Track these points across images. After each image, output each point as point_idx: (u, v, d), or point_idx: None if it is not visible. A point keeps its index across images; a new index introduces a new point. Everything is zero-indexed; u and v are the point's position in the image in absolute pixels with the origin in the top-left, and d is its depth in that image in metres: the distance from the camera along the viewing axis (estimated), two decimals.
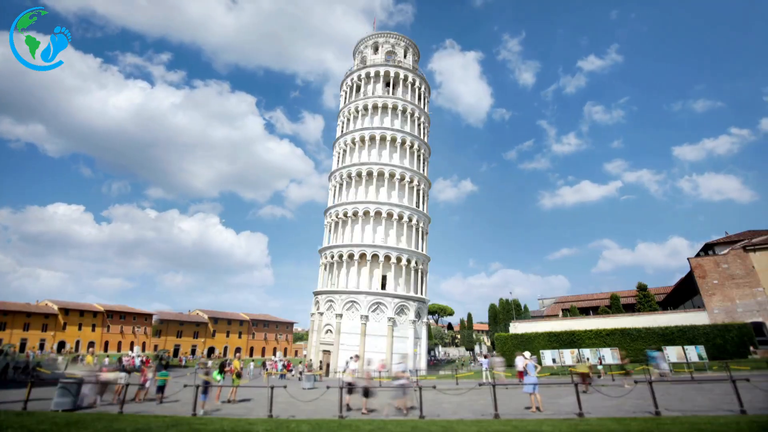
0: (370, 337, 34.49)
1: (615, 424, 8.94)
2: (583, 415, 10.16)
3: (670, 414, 10.19)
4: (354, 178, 40.72)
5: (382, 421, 10.34)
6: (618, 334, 30.99)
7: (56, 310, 66.99)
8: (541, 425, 9.14)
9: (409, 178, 40.55)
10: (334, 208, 40.47)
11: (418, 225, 40.31)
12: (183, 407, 12.78)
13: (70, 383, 12.03)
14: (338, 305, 35.85)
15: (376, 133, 41.24)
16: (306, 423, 9.82)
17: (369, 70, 44.35)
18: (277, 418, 10.89)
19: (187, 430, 8.73)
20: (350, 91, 45.56)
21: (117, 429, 8.66)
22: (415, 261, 38.70)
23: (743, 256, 31.95)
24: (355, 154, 41.81)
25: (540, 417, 10.68)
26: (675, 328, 29.63)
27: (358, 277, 37.40)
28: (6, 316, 61.58)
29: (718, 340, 27.99)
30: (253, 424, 9.58)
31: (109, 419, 9.95)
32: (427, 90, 47.19)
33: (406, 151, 41.79)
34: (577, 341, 31.35)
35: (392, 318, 35.26)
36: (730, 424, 8.28)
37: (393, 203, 38.93)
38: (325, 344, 35.80)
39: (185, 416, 10.86)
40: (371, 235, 38.30)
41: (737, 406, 10.01)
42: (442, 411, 12.35)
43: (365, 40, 47.74)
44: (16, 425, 8.71)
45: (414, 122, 43.86)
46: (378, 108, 42.47)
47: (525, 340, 33.84)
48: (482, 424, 9.47)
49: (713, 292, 32.08)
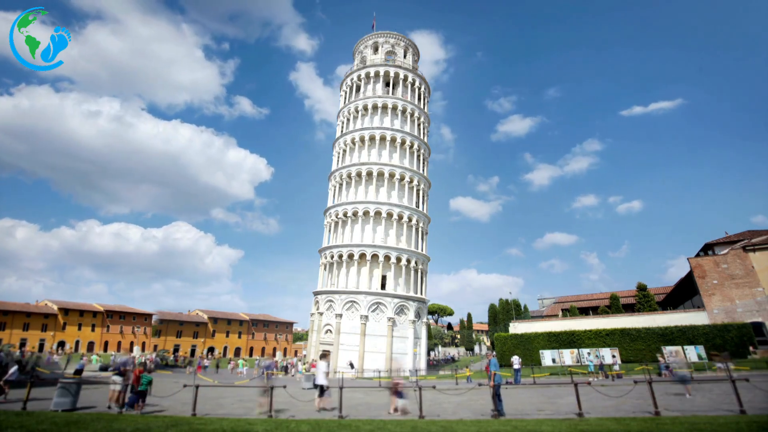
0: (370, 337, 34.51)
1: (614, 424, 8.94)
2: (583, 415, 10.16)
3: (669, 414, 10.19)
4: (354, 178, 40.72)
5: (382, 421, 10.34)
6: (618, 334, 31.01)
7: (56, 310, 66.97)
8: (540, 425, 9.14)
9: (409, 178, 40.56)
10: (333, 208, 40.48)
11: (417, 225, 40.33)
12: (183, 407, 12.78)
13: (69, 383, 12.02)
14: (338, 305, 35.86)
15: (375, 133, 41.25)
16: (306, 423, 9.82)
17: (369, 70, 44.36)
18: (276, 418, 10.88)
19: (187, 430, 8.72)
20: (350, 91, 45.57)
21: (116, 429, 8.66)
22: (415, 261, 38.71)
23: (743, 256, 31.96)
24: (354, 154, 41.82)
25: (540, 417, 10.69)
26: (675, 328, 29.66)
27: (358, 277, 37.41)
28: (6, 316, 61.56)
29: (717, 340, 28.01)
30: (253, 424, 9.57)
31: (109, 419, 9.94)
32: (427, 90, 47.20)
33: (406, 151, 41.80)
34: (576, 341, 31.36)
35: (392, 318, 35.27)
36: (730, 424, 8.28)
37: (393, 203, 38.94)
38: (325, 344, 35.80)
39: (185, 416, 10.85)
40: (371, 235, 38.31)
41: (737, 406, 10.02)
42: (442, 411, 12.35)
43: (365, 40, 47.76)
44: (16, 425, 8.71)
45: (414, 122, 43.87)
46: (378, 108, 42.48)
47: (525, 340, 33.86)
48: (482, 424, 9.47)
49: (713, 292, 32.09)
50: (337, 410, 11.32)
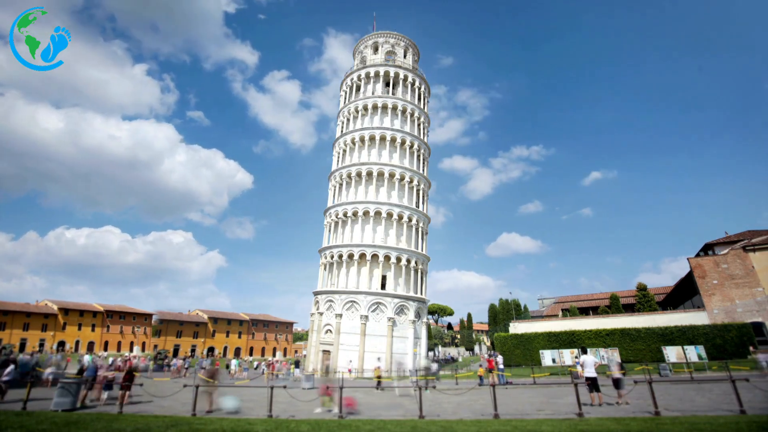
0: (370, 337, 34.50)
1: (614, 424, 8.93)
2: (583, 415, 10.15)
3: (669, 414, 10.19)
4: (354, 178, 40.71)
5: (382, 420, 10.34)
6: (618, 334, 31.00)
7: (56, 310, 66.95)
8: (540, 425, 9.14)
9: (409, 178, 40.54)
10: (333, 208, 40.46)
11: (417, 225, 40.31)
12: (183, 407, 12.77)
13: (69, 383, 12.03)
14: (338, 305, 35.84)
15: (375, 133, 41.24)
16: (305, 423, 9.81)
17: (369, 70, 44.34)
18: (276, 418, 10.88)
19: (187, 430, 8.72)
20: (350, 91, 45.55)
21: (116, 429, 8.66)
22: (415, 261, 38.69)
23: (743, 256, 31.96)
24: (354, 154, 41.80)
25: (540, 417, 10.68)
26: (675, 328, 29.64)
27: (358, 277, 37.40)
28: (6, 316, 61.54)
29: (717, 340, 28.01)
30: (253, 424, 9.57)
31: (109, 419, 9.94)
32: (427, 90, 47.18)
33: (406, 151, 41.78)
34: (576, 341, 31.34)
35: (392, 318, 35.25)
36: (730, 424, 8.28)
37: (393, 203, 38.92)
38: (325, 344, 35.79)
39: (185, 416, 10.85)
40: (371, 235, 38.30)
41: (737, 406, 10.01)
42: (442, 411, 12.35)
43: (365, 40, 47.74)
44: (16, 425, 8.71)
45: (414, 122, 43.85)
46: (378, 108, 42.46)
47: (525, 340, 33.86)
48: (482, 424, 9.47)
49: (713, 292, 32.08)
50: (337, 410, 11.33)
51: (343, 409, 11.42)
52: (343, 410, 11.42)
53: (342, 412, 11.31)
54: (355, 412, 11.94)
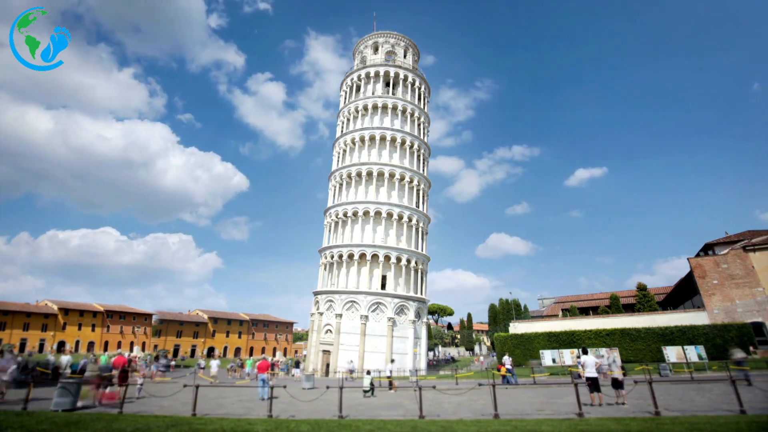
0: (370, 337, 34.50)
1: (615, 424, 8.93)
2: (583, 415, 10.15)
3: (669, 414, 10.19)
4: (354, 178, 40.71)
5: (382, 420, 10.34)
6: (618, 334, 30.99)
7: (56, 310, 66.93)
8: (540, 425, 9.14)
9: (409, 178, 40.55)
10: (333, 208, 40.46)
11: (418, 225, 40.31)
12: (183, 407, 12.77)
13: (70, 383, 12.02)
14: (338, 305, 35.85)
15: (375, 133, 41.24)
16: (305, 423, 9.82)
17: (369, 70, 44.35)
18: (276, 418, 10.88)
19: (187, 430, 8.72)
20: (350, 91, 45.55)
21: (116, 429, 8.66)
22: (415, 261, 38.70)
23: (743, 256, 31.94)
24: (354, 154, 41.80)
25: (540, 417, 10.68)
26: (675, 328, 29.63)
27: (358, 277, 37.40)
28: (6, 316, 61.52)
29: (717, 340, 27.99)
30: (253, 424, 9.57)
31: (109, 419, 9.94)
32: (427, 90, 47.19)
33: (406, 151, 41.79)
34: (576, 341, 31.32)
35: (392, 318, 35.26)
36: (730, 424, 8.28)
37: (393, 203, 38.93)
38: (325, 344, 35.80)
39: (185, 416, 10.85)
40: (371, 235, 38.30)
41: (737, 406, 10.01)
42: (442, 411, 12.35)
43: (365, 40, 47.74)
44: (16, 425, 8.71)
45: (414, 122, 43.86)
46: (378, 108, 42.46)
47: (525, 340, 33.84)
48: (482, 424, 9.47)
49: (713, 292, 32.07)
50: (337, 410, 11.32)
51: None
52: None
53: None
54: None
